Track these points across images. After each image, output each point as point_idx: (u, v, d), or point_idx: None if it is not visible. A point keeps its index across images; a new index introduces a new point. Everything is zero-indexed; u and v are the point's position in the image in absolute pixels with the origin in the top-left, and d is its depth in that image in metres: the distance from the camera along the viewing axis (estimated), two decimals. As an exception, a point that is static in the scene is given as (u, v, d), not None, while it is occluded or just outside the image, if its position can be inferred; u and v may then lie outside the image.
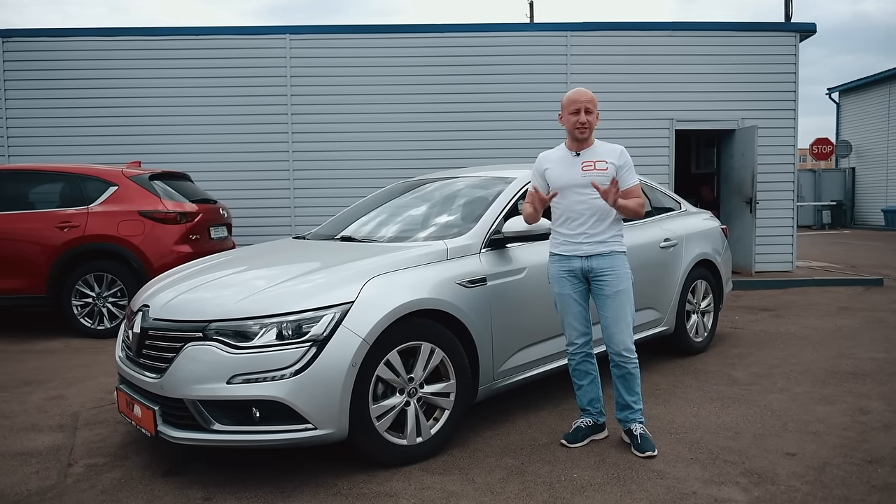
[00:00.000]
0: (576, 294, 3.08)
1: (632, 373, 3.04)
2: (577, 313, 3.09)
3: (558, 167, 3.07)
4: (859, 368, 4.40)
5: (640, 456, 2.94)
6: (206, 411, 2.64)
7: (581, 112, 2.99)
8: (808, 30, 9.05)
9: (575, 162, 3.04)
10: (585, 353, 3.14)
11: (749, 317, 6.32)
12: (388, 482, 2.74)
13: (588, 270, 3.04)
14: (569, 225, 3.06)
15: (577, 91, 3.06)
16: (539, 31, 9.08)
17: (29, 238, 5.70)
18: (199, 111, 8.58)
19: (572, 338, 3.13)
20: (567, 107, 3.03)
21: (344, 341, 2.66)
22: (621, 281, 3.02)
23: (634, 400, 3.06)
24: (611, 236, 3.04)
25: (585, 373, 3.16)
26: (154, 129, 8.56)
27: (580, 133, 3.01)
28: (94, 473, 2.88)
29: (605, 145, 3.09)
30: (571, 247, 3.06)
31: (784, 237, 9.02)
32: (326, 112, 8.66)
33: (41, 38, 8.55)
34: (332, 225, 4.24)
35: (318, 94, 8.66)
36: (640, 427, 3.04)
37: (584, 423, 3.16)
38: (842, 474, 2.76)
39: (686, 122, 8.93)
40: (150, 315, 2.93)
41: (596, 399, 3.17)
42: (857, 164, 20.77)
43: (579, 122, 2.99)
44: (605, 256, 3.02)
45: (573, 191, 3.02)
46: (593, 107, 3.02)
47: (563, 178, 3.04)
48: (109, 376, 4.34)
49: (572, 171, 3.02)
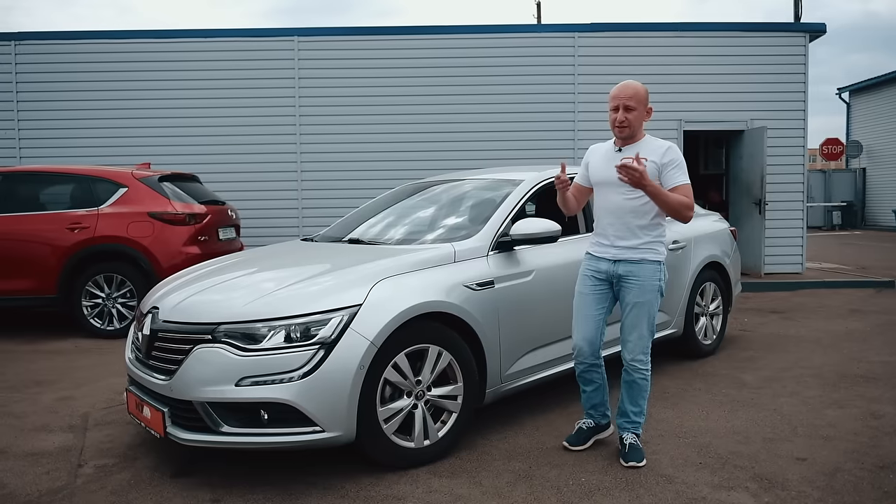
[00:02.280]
0: (593, 296, 2.94)
1: (637, 382, 2.93)
2: (588, 316, 2.95)
3: (600, 161, 2.92)
4: (871, 372, 4.36)
5: (623, 465, 2.88)
6: (214, 413, 2.65)
7: (620, 109, 2.80)
8: (818, 30, 8.99)
9: (616, 157, 2.83)
10: (590, 363, 3.00)
11: (758, 319, 6.28)
12: (395, 485, 2.74)
13: (614, 275, 2.90)
14: (601, 224, 2.93)
15: (620, 85, 2.84)
16: (547, 32, 9.06)
17: (40, 239, 5.75)
18: (207, 113, 8.63)
19: (577, 341, 2.99)
20: (609, 102, 2.86)
21: (352, 344, 2.66)
22: (644, 292, 2.85)
23: (635, 412, 2.97)
24: (644, 242, 2.84)
25: (590, 381, 3.06)
26: (163, 130, 8.62)
27: (619, 131, 2.85)
28: (104, 474, 2.90)
29: (654, 141, 2.88)
30: (601, 248, 2.93)
31: (794, 238, 8.96)
32: (334, 113, 8.69)
33: (52, 41, 8.63)
34: (340, 227, 4.25)
35: (326, 96, 8.69)
36: (631, 437, 2.96)
37: (585, 425, 3.11)
38: (853, 480, 2.73)
39: (695, 123, 8.89)
40: (160, 317, 2.94)
41: (600, 404, 3.10)
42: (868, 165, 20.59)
43: (618, 121, 2.81)
44: (635, 264, 2.85)
45: (608, 188, 2.86)
46: (635, 103, 2.79)
47: (600, 174, 2.90)
48: (119, 377, 4.37)
49: (610, 167, 2.82)
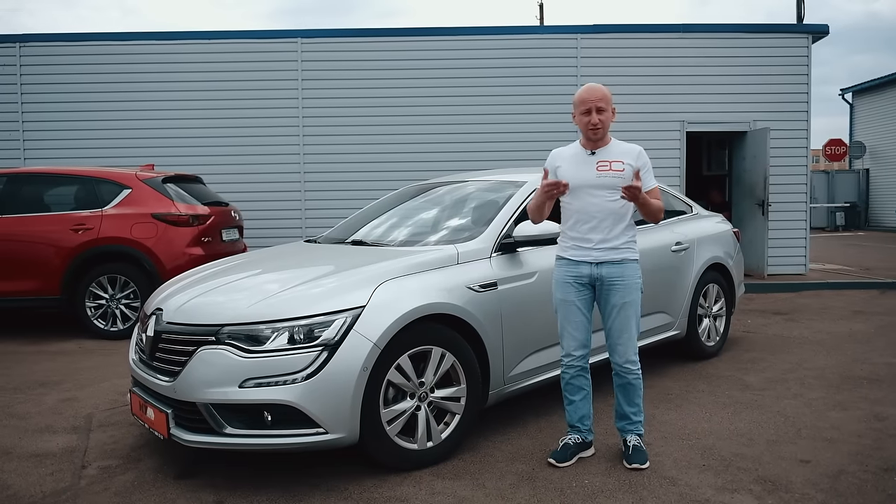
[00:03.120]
0: (580, 302, 2.93)
1: (632, 384, 2.93)
2: (579, 323, 2.93)
3: (571, 165, 2.89)
4: (874, 374, 4.35)
5: (626, 467, 2.87)
6: (218, 415, 2.65)
7: (592, 112, 2.81)
8: (821, 31, 8.99)
9: (590, 161, 2.86)
10: (581, 366, 2.97)
11: (762, 320, 6.27)
12: (398, 487, 2.74)
13: (597, 278, 2.89)
14: (579, 228, 2.89)
15: (587, 89, 2.86)
16: (549, 33, 9.07)
17: (44, 240, 5.77)
18: (211, 114, 8.65)
19: (570, 349, 2.95)
20: (578, 106, 2.86)
21: (355, 346, 2.67)
22: (630, 292, 2.88)
23: (634, 411, 2.96)
24: (624, 242, 2.88)
25: (579, 388, 3.00)
26: (167, 132, 8.64)
27: (593, 134, 2.84)
28: (108, 475, 2.90)
29: (622, 145, 2.92)
30: (581, 251, 2.90)
31: (797, 239, 8.94)
32: (337, 115, 8.70)
33: (56, 42, 8.66)
34: (344, 228, 4.25)
35: (329, 97, 8.70)
36: (635, 438, 2.95)
37: (572, 441, 3.01)
38: (857, 482, 2.73)
39: (697, 124, 8.88)
40: (164, 318, 2.95)
41: (586, 416, 3.02)
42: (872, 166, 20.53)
43: (591, 123, 2.82)
44: (617, 264, 2.87)
45: (586, 191, 2.85)
46: (606, 105, 2.83)
47: (576, 178, 2.84)
48: (122, 378, 4.38)
49: (586, 171, 2.84)
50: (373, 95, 8.70)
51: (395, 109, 8.71)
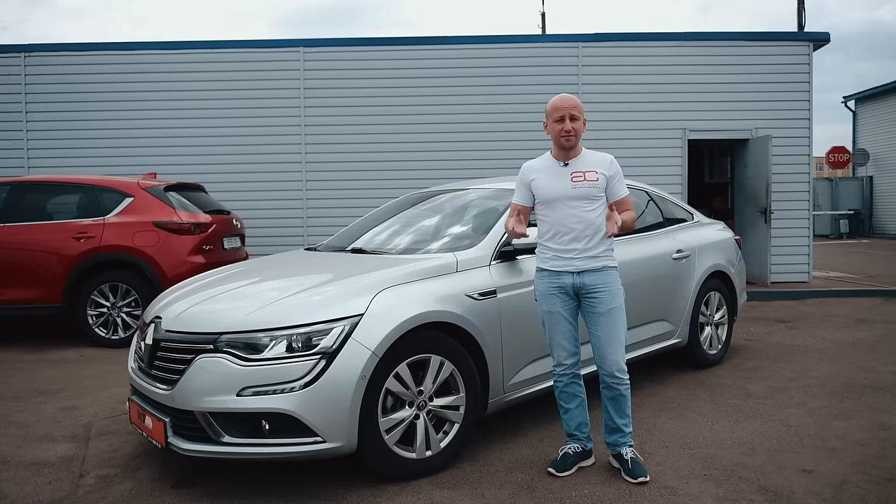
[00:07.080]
0: (566, 312, 2.92)
1: (623, 394, 2.88)
2: (567, 332, 2.93)
3: (546, 178, 2.90)
4: (878, 382, 4.31)
5: (632, 482, 2.81)
6: (216, 423, 2.64)
7: (566, 119, 2.82)
8: (822, 39, 8.99)
9: (563, 172, 2.88)
10: (573, 373, 2.97)
11: (765, 328, 6.24)
12: (397, 496, 2.72)
13: (580, 287, 2.88)
14: (558, 239, 2.89)
15: (560, 97, 2.89)
16: (551, 42, 9.10)
17: (46, 248, 5.78)
18: (214, 123, 8.69)
19: (561, 358, 2.95)
20: (551, 114, 2.87)
21: (353, 354, 2.66)
22: (614, 298, 2.88)
23: (625, 423, 2.91)
24: (603, 251, 2.89)
25: (573, 395, 2.98)
26: (169, 140, 8.68)
27: (566, 141, 2.85)
28: (105, 484, 2.89)
29: (593, 154, 2.94)
30: (562, 262, 2.89)
31: (800, 247, 8.91)
32: (339, 124, 8.73)
33: (60, 52, 8.73)
34: (344, 236, 4.25)
35: (331, 106, 8.73)
36: (630, 451, 2.90)
37: (571, 450, 2.98)
38: (860, 492, 2.70)
39: (699, 132, 8.88)
40: (163, 326, 2.95)
41: (584, 423, 3.00)
42: (875, 173, 20.50)
43: (564, 130, 2.83)
44: (598, 272, 2.87)
45: (563, 203, 2.86)
46: (578, 113, 2.85)
47: (552, 190, 2.87)
48: (123, 386, 4.38)
49: (561, 182, 2.87)
50: (374, 104, 8.73)
51: (396, 118, 8.74)
